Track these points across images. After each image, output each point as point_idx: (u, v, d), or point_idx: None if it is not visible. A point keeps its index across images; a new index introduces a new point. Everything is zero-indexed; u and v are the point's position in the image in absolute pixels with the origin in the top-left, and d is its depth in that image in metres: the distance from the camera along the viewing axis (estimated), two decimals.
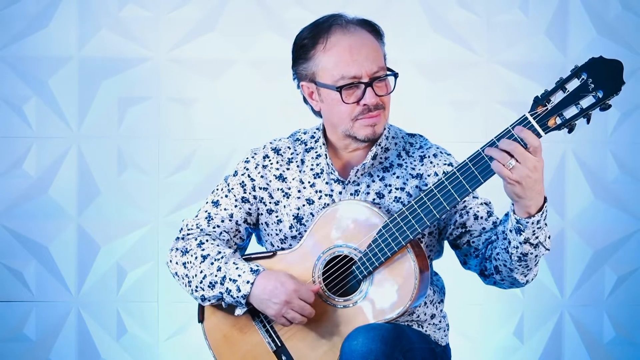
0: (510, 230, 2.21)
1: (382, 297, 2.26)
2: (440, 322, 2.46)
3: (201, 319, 2.42)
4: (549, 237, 2.24)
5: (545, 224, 2.20)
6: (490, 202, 2.41)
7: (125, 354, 3.78)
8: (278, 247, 2.45)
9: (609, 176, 3.77)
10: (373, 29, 2.37)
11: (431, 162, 2.41)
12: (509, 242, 2.23)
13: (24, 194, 3.75)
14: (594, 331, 3.79)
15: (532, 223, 2.17)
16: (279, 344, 2.36)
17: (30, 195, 3.75)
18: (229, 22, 3.77)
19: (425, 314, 2.42)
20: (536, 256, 2.24)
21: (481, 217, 2.37)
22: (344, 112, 2.33)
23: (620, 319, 3.79)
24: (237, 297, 2.31)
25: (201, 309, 2.42)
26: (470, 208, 2.37)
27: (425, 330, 2.43)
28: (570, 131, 2.09)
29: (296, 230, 2.41)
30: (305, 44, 2.36)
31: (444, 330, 2.47)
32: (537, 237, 2.19)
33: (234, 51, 3.77)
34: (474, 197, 2.38)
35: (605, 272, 3.79)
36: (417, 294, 2.25)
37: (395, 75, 2.35)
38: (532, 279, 2.34)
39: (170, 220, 3.75)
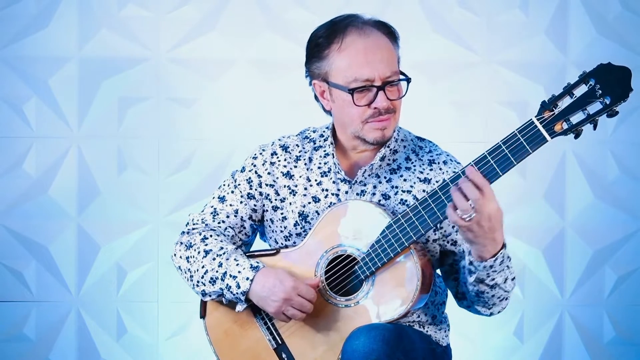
0: (464, 267, 2.24)
1: (384, 298, 2.26)
2: (441, 322, 2.46)
3: (203, 315, 2.42)
4: (512, 279, 2.25)
5: (507, 267, 2.21)
6: None
7: (125, 354, 3.78)
8: (282, 244, 2.45)
9: (609, 176, 3.78)
10: (389, 32, 2.36)
11: (440, 169, 2.41)
12: (466, 279, 2.26)
13: (24, 194, 3.75)
14: (594, 331, 3.79)
15: (485, 267, 2.18)
16: (280, 342, 2.36)
17: (30, 195, 3.75)
18: (229, 22, 3.76)
19: (426, 315, 2.42)
20: (493, 296, 2.26)
21: None
22: (355, 114, 2.32)
23: (620, 319, 3.79)
24: (237, 293, 2.31)
25: (203, 305, 2.42)
26: None
27: (427, 331, 2.43)
28: (576, 137, 2.10)
29: (301, 228, 2.42)
30: (320, 43, 2.34)
31: (445, 331, 2.48)
32: (493, 279, 2.21)
33: (234, 51, 3.76)
34: None
35: (605, 272, 3.79)
36: (419, 295, 2.25)
37: (408, 80, 2.34)
38: (500, 312, 2.35)
39: (170, 220, 3.75)
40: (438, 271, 2.49)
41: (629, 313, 3.79)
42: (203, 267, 2.36)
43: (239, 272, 2.31)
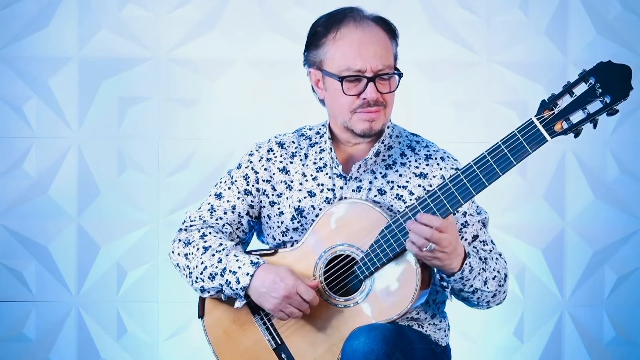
0: (438, 282, 2.31)
1: (383, 298, 2.26)
2: (440, 322, 2.46)
3: (201, 315, 2.42)
4: (493, 278, 2.31)
5: (482, 269, 2.28)
6: (486, 223, 2.42)
7: (125, 354, 3.78)
8: (280, 240, 2.46)
9: (609, 176, 3.77)
10: (388, 28, 2.38)
11: (438, 165, 2.41)
12: (446, 293, 2.33)
13: (24, 194, 3.75)
14: (594, 331, 3.79)
15: (455, 280, 2.25)
16: (279, 342, 2.36)
17: (30, 195, 3.75)
18: (229, 22, 3.76)
19: (426, 313, 2.42)
20: (479, 298, 2.33)
21: (465, 239, 2.39)
22: (344, 103, 2.34)
23: (620, 319, 3.79)
24: (236, 289, 2.31)
25: (201, 305, 2.42)
26: (470, 224, 2.40)
27: (426, 331, 2.43)
28: (576, 136, 2.09)
29: (298, 222, 2.42)
30: (318, 32, 2.38)
31: (445, 331, 2.48)
32: (471, 286, 2.28)
33: (234, 51, 3.76)
34: (477, 213, 2.40)
35: (605, 272, 3.79)
36: (419, 295, 2.25)
37: (400, 74, 2.36)
38: (499, 304, 2.41)
39: (170, 220, 3.75)
40: None
41: (629, 313, 3.79)
42: (202, 263, 2.37)
43: (239, 267, 2.32)
